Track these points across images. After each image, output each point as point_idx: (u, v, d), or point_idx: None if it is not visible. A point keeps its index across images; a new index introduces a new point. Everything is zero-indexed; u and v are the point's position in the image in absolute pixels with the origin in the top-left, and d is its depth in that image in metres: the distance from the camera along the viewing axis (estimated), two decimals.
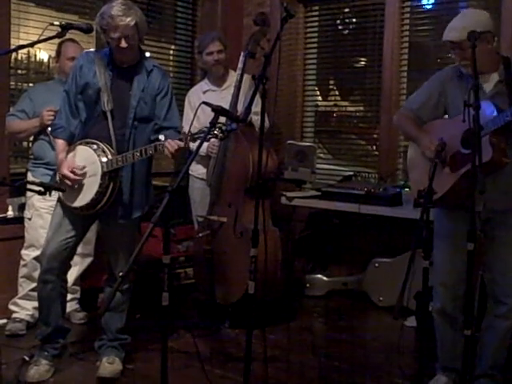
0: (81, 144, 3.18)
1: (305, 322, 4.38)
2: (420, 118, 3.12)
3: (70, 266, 3.33)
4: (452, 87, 3.04)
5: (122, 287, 3.19)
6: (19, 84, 4.43)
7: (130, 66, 3.23)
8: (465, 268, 2.97)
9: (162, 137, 2.98)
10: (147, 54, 3.44)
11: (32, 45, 2.90)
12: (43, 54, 4.53)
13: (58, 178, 3.23)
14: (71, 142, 3.24)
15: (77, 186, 3.16)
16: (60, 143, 3.26)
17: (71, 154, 3.19)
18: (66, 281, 3.32)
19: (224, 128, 2.61)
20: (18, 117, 3.89)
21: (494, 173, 2.78)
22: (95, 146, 3.13)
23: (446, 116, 3.12)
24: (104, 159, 3.10)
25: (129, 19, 3.06)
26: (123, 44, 3.09)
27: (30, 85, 4.43)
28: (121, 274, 2.30)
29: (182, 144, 2.96)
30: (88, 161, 3.14)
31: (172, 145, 2.97)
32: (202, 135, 2.70)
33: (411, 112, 3.15)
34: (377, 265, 4.67)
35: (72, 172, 3.12)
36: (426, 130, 3.06)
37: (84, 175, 3.14)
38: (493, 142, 2.69)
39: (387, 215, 4.28)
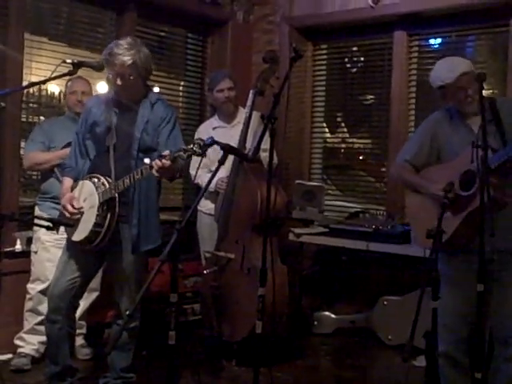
0: (85, 179, 3.24)
1: (312, 360, 4.34)
2: (416, 167, 3.18)
3: (77, 306, 3.32)
4: (443, 131, 3.08)
5: (128, 326, 3.17)
6: (30, 117, 4.47)
7: (134, 101, 3.27)
8: (467, 311, 2.95)
9: (147, 160, 2.95)
10: (156, 89, 3.49)
11: (44, 82, 2.98)
12: (54, 87, 4.58)
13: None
14: (78, 179, 3.29)
15: (80, 218, 3.18)
16: (66, 180, 3.35)
17: (77, 188, 3.25)
18: (74, 320, 3.30)
19: (202, 143, 2.65)
20: (39, 148, 3.94)
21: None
22: (96, 180, 3.19)
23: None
24: (102, 190, 3.15)
25: (126, 58, 3.09)
26: (118, 82, 3.16)
27: (41, 118, 4.49)
28: (127, 312, 2.29)
29: (166, 163, 2.86)
30: (89, 193, 3.19)
31: (158, 164, 2.89)
32: (181, 153, 2.74)
33: (407, 163, 3.21)
34: (385, 303, 4.63)
35: (71, 204, 3.17)
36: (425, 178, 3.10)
37: (81, 209, 3.18)
38: (492, 182, 2.69)
39: (396, 253, 4.26)
